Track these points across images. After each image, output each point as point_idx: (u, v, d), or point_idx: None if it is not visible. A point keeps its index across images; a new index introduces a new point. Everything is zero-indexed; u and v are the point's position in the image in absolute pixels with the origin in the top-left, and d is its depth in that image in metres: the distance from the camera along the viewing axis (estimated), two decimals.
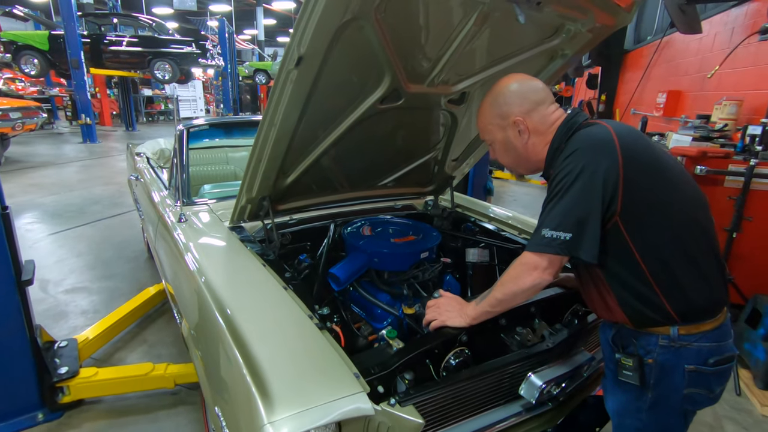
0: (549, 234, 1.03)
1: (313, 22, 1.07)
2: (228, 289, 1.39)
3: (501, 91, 1.20)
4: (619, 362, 1.11)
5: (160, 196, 2.40)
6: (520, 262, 1.10)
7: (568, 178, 1.04)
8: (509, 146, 1.22)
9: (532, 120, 1.17)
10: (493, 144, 1.27)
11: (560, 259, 1.06)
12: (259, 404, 0.95)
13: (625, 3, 1.40)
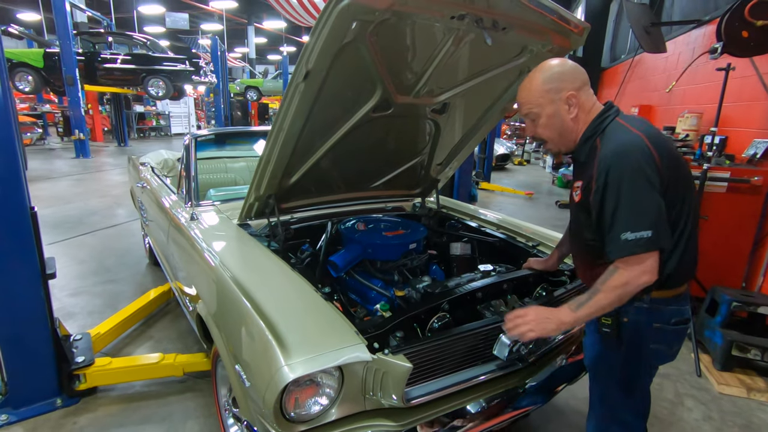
0: (632, 237, 1.11)
1: (320, 44, 1.32)
2: (244, 270, 1.61)
3: (556, 68, 1.25)
4: (599, 320, 1.31)
5: (170, 200, 2.60)
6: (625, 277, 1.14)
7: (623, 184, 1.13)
8: (556, 119, 1.27)
9: (582, 96, 1.25)
10: (538, 118, 1.29)
11: (654, 255, 1.13)
12: (278, 352, 1.17)
13: (576, 29, 1.67)
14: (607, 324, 1.31)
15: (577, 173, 1.34)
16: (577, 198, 1.29)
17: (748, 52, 3.13)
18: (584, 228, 1.29)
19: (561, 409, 2.33)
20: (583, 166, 1.28)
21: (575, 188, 1.30)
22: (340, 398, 1.25)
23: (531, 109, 1.29)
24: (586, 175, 1.24)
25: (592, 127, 1.26)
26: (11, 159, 1.90)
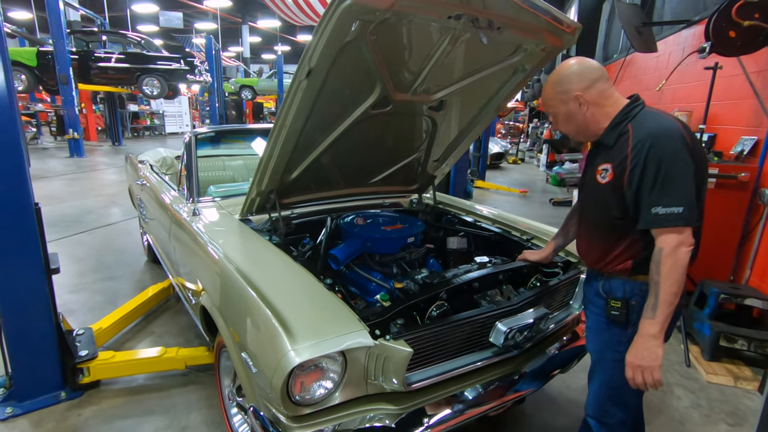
0: (663, 211, 1.20)
1: (323, 42, 1.37)
2: (248, 262, 1.66)
3: (563, 72, 1.38)
4: (608, 304, 1.39)
5: (172, 197, 2.64)
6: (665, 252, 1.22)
7: (663, 162, 1.20)
8: (571, 117, 1.39)
9: (590, 94, 1.34)
10: (557, 116, 1.43)
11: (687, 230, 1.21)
12: (284, 338, 1.22)
13: (568, 29, 1.73)
14: (616, 307, 1.39)
15: (602, 157, 1.38)
16: (607, 178, 1.34)
17: (735, 52, 3.21)
18: (612, 206, 1.34)
19: (554, 398, 2.40)
20: (611, 149, 1.35)
21: (599, 171, 1.37)
22: (343, 383, 1.30)
23: (549, 109, 1.45)
24: (618, 157, 1.31)
25: (623, 113, 1.35)
26: (17, 157, 1.93)
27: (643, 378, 1.27)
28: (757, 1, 3.07)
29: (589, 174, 1.45)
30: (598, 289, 1.45)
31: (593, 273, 1.50)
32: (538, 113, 16.22)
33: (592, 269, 1.50)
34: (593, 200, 1.43)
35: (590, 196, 1.45)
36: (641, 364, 1.27)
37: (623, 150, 1.29)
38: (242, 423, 1.89)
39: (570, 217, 1.78)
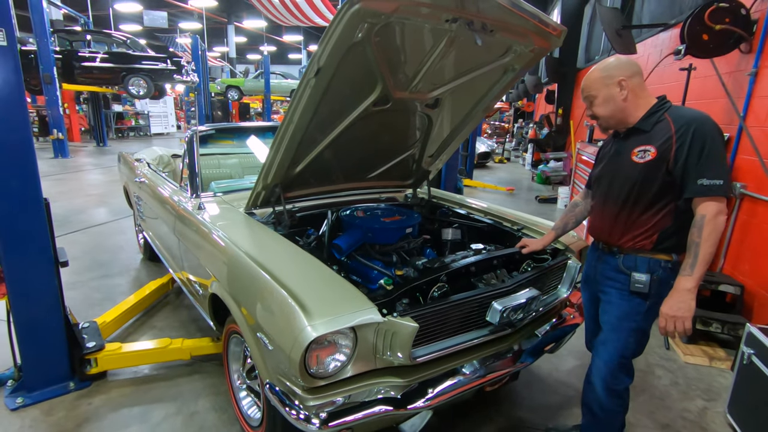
0: (708, 182, 1.39)
1: (331, 43, 1.47)
2: (259, 249, 1.76)
3: (610, 61, 1.57)
4: (632, 278, 1.56)
5: (174, 193, 2.71)
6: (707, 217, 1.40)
7: (707, 142, 1.39)
8: (609, 100, 1.54)
9: (631, 83, 1.51)
10: (595, 98, 1.57)
11: (723, 200, 1.40)
12: (301, 315, 1.32)
13: (555, 32, 1.87)
14: (641, 281, 1.56)
15: (636, 141, 1.54)
16: (649, 157, 1.49)
17: (708, 54, 3.41)
18: (653, 182, 1.50)
19: (544, 378, 2.54)
20: (647, 134, 1.52)
21: (635, 153, 1.53)
22: (354, 357, 1.41)
23: (589, 92, 1.59)
24: (659, 138, 1.48)
25: (659, 104, 1.54)
26: (28, 154, 2.00)
27: (674, 327, 1.44)
28: (728, 6, 3.27)
29: (621, 158, 1.60)
30: (617, 265, 1.62)
31: (608, 252, 1.66)
32: (523, 113, 16.54)
33: (610, 247, 1.65)
34: (628, 180, 1.56)
35: (623, 176, 1.58)
36: (676, 314, 1.43)
37: (665, 132, 1.47)
38: (251, 405, 1.98)
39: (569, 211, 1.95)
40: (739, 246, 3.25)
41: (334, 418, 1.35)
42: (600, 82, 1.56)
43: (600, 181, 1.74)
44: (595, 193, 1.77)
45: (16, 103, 1.92)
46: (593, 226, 1.76)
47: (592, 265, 1.78)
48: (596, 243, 1.76)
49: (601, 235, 1.70)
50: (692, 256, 1.43)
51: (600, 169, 1.75)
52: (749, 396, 2.08)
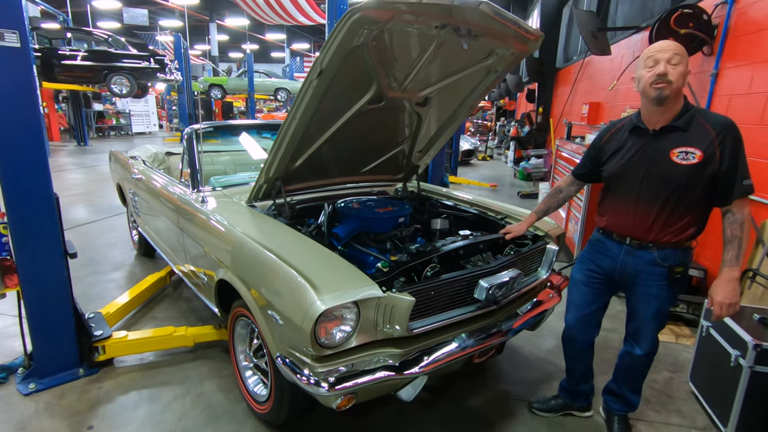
0: (747, 183, 1.56)
1: (333, 47, 1.63)
2: (265, 235, 1.91)
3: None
4: (671, 270, 1.71)
5: (176, 188, 2.82)
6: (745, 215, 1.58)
7: (741, 146, 1.57)
8: (685, 74, 1.57)
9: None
10: (680, 64, 1.54)
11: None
12: (311, 290, 1.48)
13: (532, 37, 2.06)
14: (679, 272, 1.73)
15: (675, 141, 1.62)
16: (695, 159, 1.57)
17: None
18: (697, 183, 1.60)
19: (527, 357, 2.75)
20: (686, 133, 1.60)
21: (675, 153, 1.60)
22: (357, 329, 1.58)
23: (680, 58, 1.56)
24: (701, 139, 1.58)
25: (688, 104, 1.64)
26: (41, 151, 2.10)
27: (728, 311, 1.61)
28: (691, 12, 3.54)
29: (656, 157, 1.65)
30: (653, 259, 1.72)
31: (639, 247, 1.74)
32: (505, 112, 16.88)
33: (642, 243, 1.73)
34: (671, 180, 1.63)
35: (663, 176, 1.64)
36: (731, 301, 1.60)
37: (705, 136, 1.57)
38: (257, 383, 2.13)
39: (553, 196, 2.09)
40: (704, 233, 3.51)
41: (340, 382, 1.51)
42: (686, 58, 1.57)
43: (623, 177, 1.75)
44: (616, 190, 1.80)
45: (30, 103, 2.02)
46: (620, 223, 1.78)
47: (614, 258, 1.82)
48: (619, 237, 1.80)
49: (635, 232, 1.74)
50: (736, 248, 1.60)
51: (620, 165, 1.74)
52: (707, 364, 2.32)
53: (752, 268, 2.76)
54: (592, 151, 1.92)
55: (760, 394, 1.97)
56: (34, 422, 2.05)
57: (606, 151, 1.84)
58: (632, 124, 1.75)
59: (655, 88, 1.58)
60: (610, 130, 1.86)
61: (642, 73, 1.63)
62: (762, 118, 2.93)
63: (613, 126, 1.87)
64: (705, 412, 2.28)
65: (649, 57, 1.61)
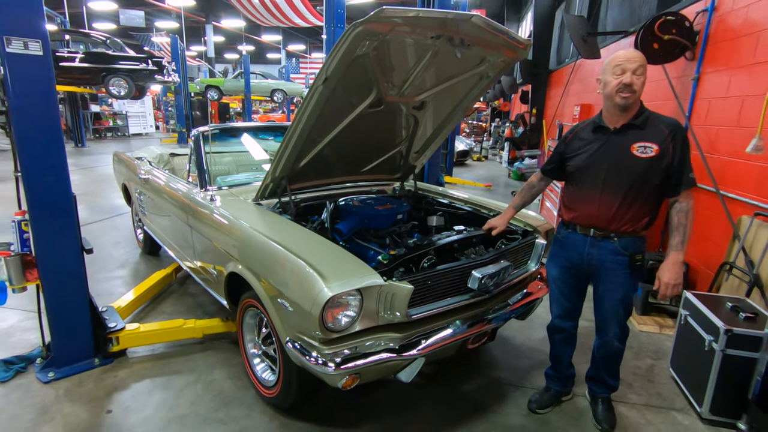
0: (692, 176, 1.78)
1: (338, 56, 1.78)
2: (273, 230, 2.05)
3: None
4: (632, 258, 1.86)
5: (184, 187, 2.95)
6: (691, 204, 1.79)
7: (687, 143, 1.78)
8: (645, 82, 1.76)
9: None
10: (642, 75, 1.74)
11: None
12: (319, 279, 1.63)
13: (521, 45, 2.22)
14: (639, 259, 1.89)
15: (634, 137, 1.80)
16: (652, 153, 1.77)
17: (658, 61, 3.85)
18: (655, 174, 1.78)
19: (518, 347, 2.91)
20: (643, 131, 1.79)
21: (635, 147, 1.79)
22: (360, 315, 1.72)
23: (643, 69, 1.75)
24: (657, 136, 1.77)
25: (643, 107, 1.84)
26: (60, 153, 2.24)
27: (672, 291, 1.80)
28: (674, 19, 3.72)
29: (618, 151, 1.82)
30: (615, 249, 1.88)
31: (601, 238, 1.89)
32: (500, 113, 17.11)
33: (605, 233, 1.88)
34: (631, 172, 1.80)
35: (624, 168, 1.81)
36: (676, 282, 1.80)
37: (659, 133, 1.77)
38: (265, 369, 2.27)
39: (527, 191, 2.25)
40: None
41: (345, 363, 1.66)
42: (646, 67, 1.76)
43: (587, 171, 1.90)
44: (581, 183, 1.94)
45: (51, 107, 2.15)
46: (585, 214, 1.92)
47: (580, 251, 1.96)
48: (583, 230, 1.94)
49: (599, 222, 1.88)
50: (682, 234, 1.80)
51: (583, 160, 1.91)
52: (685, 350, 2.49)
53: (729, 261, 2.93)
54: (559, 149, 2.09)
55: (731, 375, 2.14)
56: (55, 407, 2.18)
57: (571, 148, 1.99)
58: (595, 123, 1.92)
59: (622, 97, 1.77)
60: (575, 130, 2.03)
61: (609, 78, 1.79)
62: (738, 120, 3.10)
63: (578, 126, 2.05)
64: (683, 395, 2.44)
65: (617, 65, 1.77)
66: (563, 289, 2.14)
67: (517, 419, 2.22)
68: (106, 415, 2.15)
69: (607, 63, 1.83)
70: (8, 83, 2.05)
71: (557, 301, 2.18)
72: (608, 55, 5.64)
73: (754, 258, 2.73)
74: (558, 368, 2.31)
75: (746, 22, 3.15)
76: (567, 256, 2.05)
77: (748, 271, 2.72)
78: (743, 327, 2.12)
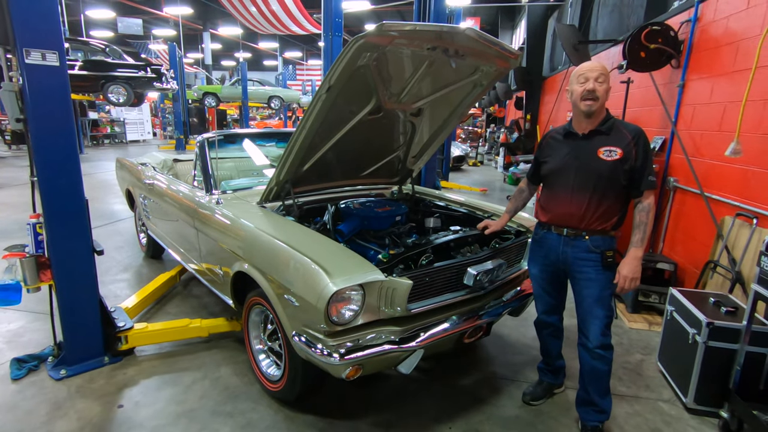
0: (652, 178, 1.89)
1: (341, 67, 1.90)
2: (278, 230, 2.16)
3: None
4: (604, 255, 1.95)
5: (191, 191, 3.05)
6: (651, 204, 1.90)
7: (649, 148, 1.90)
8: (608, 90, 1.90)
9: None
10: (605, 83, 1.88)
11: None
12: (324, 274, 1.74)
13: (512, 55, 2.35)
14: (610, 256, 1.97)
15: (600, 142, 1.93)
16: (616, 156, 1.89)
17: (645, 69, 4.01)
18: (620, 176, 1.90)
19: (513, 343, 3.02)
20: (608, 137, 1.93)
21: (601, 152, 1.91)
22: (363, 309, 1.83)
23: (604, 74, 1.89)
24: (621, 142, 1.90)
25: (609, 115, 1.97)
26: (74, 158, 2.34)
27: (630, 285, 1.91)
28: (659, 29, 3.88)
29: (585, 155, 1.95)
30: (587, 247, 1.97)
31: (574, 236, 1.99)
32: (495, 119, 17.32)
33: (577, 232, 1.98)
34: (597, 173, 1.92)
35: (591, 170, 1.94)
36: (634, 276, 1.91)
37: (623, 138, 1.91)
38: (270, 365, 2.37)
39: (517, 197, 2.37)
40: (674, 231, 3.83)
41: (349, 353, 1.76)
42: (608, 76, 1.90)
43: (559, 173, 2.03)
44: (554, 185, 2.06)
45: (67, 114, 2.26)
46: (559, 213, 2.03)
47: (556, 250, 2.06)
48: (557, 229, 2.05)
49: (571, 221, 1.99)
50: (642, 232, 1.91)
51: (555, 163, 2.04)
52: (671, 344, 2.61)
53: (713, 260, 3.06)
54: (536, 155, 2.23)
55: (713, 366, 2.26)
56: (68, 403, 2.27)
57: (545, 153, 2.13)
58: (565, 129, 2.06)
59: (586, 104, 1.91)
60: (547, 136, 2.17)
61: (575, 87, 1.94)
62: (720, 125, 3.25)
63: (550, 133, 2.18)
64: (670, 387, 2.56)
65: (581, 75, 1.93)
66: (544, 286, 2.23)
67: (512, 411, 2.32)
68: (117, 409, 2.23)
69: (573, 74, 1.98)
70: (26, 92, 2.15)
71: (540, 297, 2.27)
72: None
73: (736, 256, 2.86)
74: (548, 360, 2.42)
75: (727, 32, 3.31)
76: (544, 254, 2.13)
77: (730, 268, 2.86)
78: (724, 320, 2.24)
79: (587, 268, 2.02)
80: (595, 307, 2.01)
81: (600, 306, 2.01)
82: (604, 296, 2.01)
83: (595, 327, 2.02)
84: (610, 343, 2.05)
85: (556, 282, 2.21)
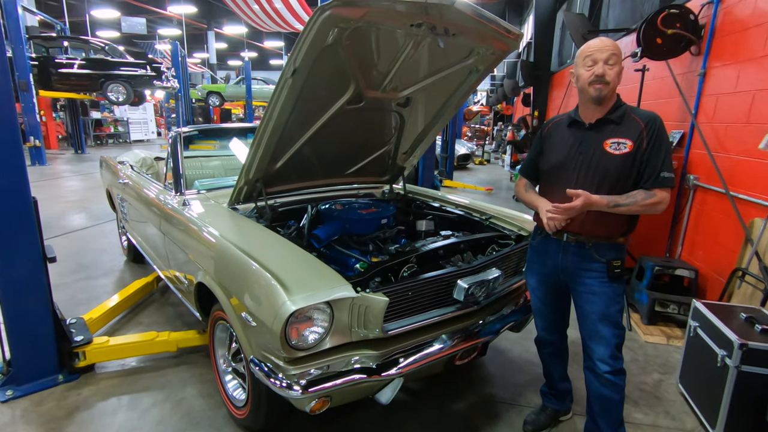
0: (668, 175, 1.57)
1: (305, 46, 1.62)
2: (242, 238, 1.89)
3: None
4: (610, 265, 1.67)
5: (159, 192, 2.80)
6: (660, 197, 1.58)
7: (666, 139, 1.60)
8: (620, 73, 1.61)
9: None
10: (616, 65, 1.59)
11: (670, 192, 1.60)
12: (281, 291, 1.46)
13: (512, 35, 2.05)
14: (617, 265, 1.70)
15: (609, 133, 1.65)
16: (626, 149, 1.61)
17: (661, 56, 3.67)
18: (631, 172, 1.62)
19: (514, 359, 2.71)
20: (619, 126, 1.64)
21: (608, 144, 1.63)
22: (331, 331, 1.55)
23: (616, 58, 1.60)
24: (632, 131, 1.62)
25: (620, 100, 1.68)
26: (18, 153, 2.08)
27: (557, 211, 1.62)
28: (678, 13, 3.54)
29: (590, 148, 1.66)
30: (590, 255, 1.69)
31: (575, 243, 1.71)
32: (502, 116, 16.93)
33: (578, 238, 1.69)
34: (604, 170, 1.64)
35: (597, 167, 1.65)
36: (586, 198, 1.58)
37: (636, 127, 1.61)
38: (236, 387, 2.10)
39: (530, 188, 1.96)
40: (694, 234, 3.49)
41: (313, 385, 1.48)
42: (621, 56, 1.61)
43: (561, 169, 1.74)
44: (554, 182, 1.77)
45: (5, 103, 2.01)
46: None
47: (555, 258, 1.78)
48: (558, 235, 1.75)
49: (572, 225, 1.69)
50: (624, 199, 1.59)
51: (557, 157, 1.75)
52: (695, 365, 2.29)
53: (741, 267, 2.73)
54: (536, 144, 1.90)
55: (747, 394, 1.94)
56: (9, 429, 2.01)
57: (547, 143, 1.84)
58: (570, 118, 1.77)
59: (595, 88, 1.61)
60: (549, 124, 1.87)
61: (581, 71, 1.65)
62: (748, 116, 2.91)
63: (552, 120, 1.87)
64: (693, 414, 2.24)
65: (588, 56, 1.63)
66: (543, 299, 1.93)
67: None
68: None
69: (578, 54, 1.67)
70: None
71: (539, 311, 1.98)
72: None
73: None
74: (551, 383, 2.12)
75: (755, 13, 2.96)
76: (542, 262, 1.86)
77: (762, 277, 2.52)
78: (760, 341, 1.92)
79: (591, 280, 1.72)
80: (600, 325, 1.71)
81: (606, 324, 1.71)
82: (611, 313, 1.71)
83: (602, 349, 1.72)
84: (622, 368, 1.73)
85: (557, 295, 1.90)
